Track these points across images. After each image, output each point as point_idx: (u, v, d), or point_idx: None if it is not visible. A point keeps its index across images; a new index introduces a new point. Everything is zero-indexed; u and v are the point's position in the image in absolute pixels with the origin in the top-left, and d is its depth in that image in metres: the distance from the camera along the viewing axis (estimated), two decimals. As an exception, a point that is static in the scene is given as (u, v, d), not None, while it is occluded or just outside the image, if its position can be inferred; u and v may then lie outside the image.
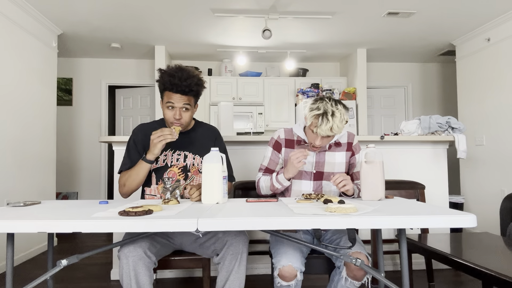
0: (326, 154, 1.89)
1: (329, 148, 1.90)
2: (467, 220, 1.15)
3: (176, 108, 1.80)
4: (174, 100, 1.80)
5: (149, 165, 1.78)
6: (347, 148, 1.92)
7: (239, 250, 1.61)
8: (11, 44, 3.38)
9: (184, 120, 1.83)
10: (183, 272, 2.96)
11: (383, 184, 1.63)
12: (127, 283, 1.49)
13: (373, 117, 6.06)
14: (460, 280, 2.81)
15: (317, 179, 1.90)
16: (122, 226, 1.13)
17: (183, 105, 1.81)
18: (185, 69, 1.81)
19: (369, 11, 3.96)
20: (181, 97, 1.80)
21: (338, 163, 1.90)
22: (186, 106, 1.82)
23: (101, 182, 5.63)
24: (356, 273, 1.57)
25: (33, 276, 2.98)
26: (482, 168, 4.37)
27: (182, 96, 1.80)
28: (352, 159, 1.94)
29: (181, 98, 1.80)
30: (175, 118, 1.81)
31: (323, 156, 1.89)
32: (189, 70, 1.83)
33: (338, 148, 1.91)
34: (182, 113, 1.82)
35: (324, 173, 1.90)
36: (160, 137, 1.69)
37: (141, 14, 3.98)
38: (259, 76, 5.66)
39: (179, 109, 1.81)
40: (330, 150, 1.90)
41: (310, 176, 1.91)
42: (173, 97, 1.79)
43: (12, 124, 3.36)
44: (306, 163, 1.86)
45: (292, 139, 1.93)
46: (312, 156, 1.88)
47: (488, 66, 4.32)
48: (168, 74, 1.78)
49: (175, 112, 1.81)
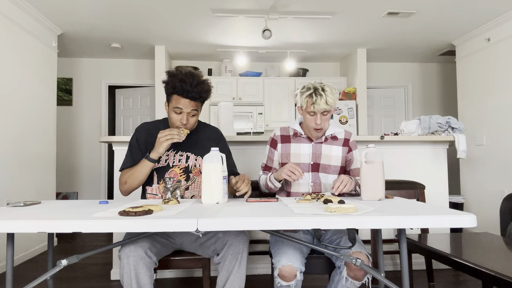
0: (323, 146, 1.94)
1: (325, 140, 1.95)
2: (467, 220, 1.15)
3: (184, 113, 1.80)
4: (183, 105, 1.79)
5: (152, 164, 1.77)
6: (344, 143, 1.96)
7: (240, 250, 1.61)
8: (11, 44, 3.38)
9: (190, 125, 1.84)
10: (183, 272, 2.96)
11: (383, 184, 1.63)
12: (127, 283, 1.49)
13: (373, 117, 6.06)
14: (460, 280, 2.81)
15: (314, 171, 1.93)
16: (122, 226, 1.13)
17: (191, 110, 1.81)
18: (195, 75, 1.81)
19: (369, 11, 3.96)
20: (190, 103, 1.79)
21: (334, 156, 1.94)
22: (193, 111, 1.82)
23: (101, 182, 5.63)
24: (356, 273, 1.57)
25: (33, 276, 2.98)
26: (482, 168, 4.37)
27: (191, 102, 1.80)
28: (349, 155, 1.97)
29: (190, 104, 1.80)
30: (182, 123, 1.81)
31: (320, 148, 1.93)
32: (199, 76, 1.83)
33: (334, 142, 1.95)
34: (189, 118, 1.82)
35: (321, 164, 1.93)
36: (167, 136, 1.70)
37: (141, 14, 3.98)
38: (259, 76, 5.66)
39: (187, 114, 1.80)
40: (326, 142, 1.95)
41: (308, 167, 1.94)
42: (181, 102, 1.79)
43: (12, 124, 3.36)
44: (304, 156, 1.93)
45: (288, 134, 1.98)
46: (309, 148, 1.93)
47: (488, 66, 4.31)
48: (179, 79, 1.77)
49: (183, 117, 1.80)
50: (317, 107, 1.78)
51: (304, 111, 1.87)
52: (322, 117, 1.82)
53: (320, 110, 1.78)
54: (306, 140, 1.95)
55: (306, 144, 1.94)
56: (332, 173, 1.95)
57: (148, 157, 1.76)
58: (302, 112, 1.90)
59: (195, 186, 1.88)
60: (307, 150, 1.93)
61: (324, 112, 1.81)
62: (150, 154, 1.76)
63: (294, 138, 1.96)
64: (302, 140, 1.95)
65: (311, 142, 1.94)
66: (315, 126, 1.84)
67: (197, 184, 1.88)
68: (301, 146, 1.94)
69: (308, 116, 1.85)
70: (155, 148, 1.74)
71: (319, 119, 1.81)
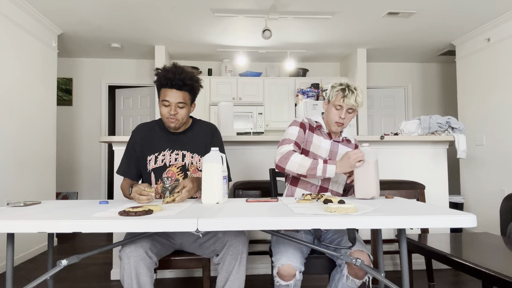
0: (340, 146, 1.99)
1: (342, 141, 2.01)
2: (467, 220, 1.15)
3: (172, 104, 1.82)
4: (169, 97, 1.82)
5: None
6: (355, 147, 2.05)
7: (239, 250, 1.61)
8: (11, 44, 3.38)
9: (180, 116, 1.84)
10: (183, 272, 2.96)
11: (376, 182, 1.67)
12: (128, 283, 1.49)
13: (373, 117, 6.06)
14: (460, 280, 2.81)
15: None
16: (122, 226, 1.13)
17: (178, 102, 1.83)
18: (179, 66, 1.85)
19: (369, 11, 3.96)
20: (176, 93, 1.82)
21: None
22: (181, 104, 1.83)
23: (101, 182, 5.63)
24: (357, 271, 1.58)
25: (33, 276, 2.98)
26: (482, 168, 4.37)
27: (178, 92, 1.82)
28: None
29: (176, 94, 1.82)
30: (170, 114, 1.82)
31: (337, 147, 1.98)
32: (183, 67, 1.86)
33: (348, 144, 2.03)
34: (178, 109, 1.83)
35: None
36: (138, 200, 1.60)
37: (141, 14, 3.98)
38: (259, 76, 5.66)
39: (175, 105, 1.82)
40: (343, 143, 2.01)
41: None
42: (168, 94, 1.82)
43: (12, 124, 3.36)
44: (323, 150, 1.94)
45: (312, 125, 1.99)
46: (328, 144, 1.97)
47: (488, 66, 4.31)
48: (163, 70, 1.83)
49: (170, 108, 1.82)
50: (346, 101, 1.84)
51: (330, 104, 1.92)
52: (346, 113, 1.88)
53: (348, 105, 1.85)
54: (327, 136, 1.98)
55: (326, 139, 1.97)
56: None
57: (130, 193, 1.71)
58: (328, 105, 1.94)
59: None
60: (326, 145, 1.96)
61: (349, 109, 1.87)
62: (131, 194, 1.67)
63: (316, 130, 1.99)
64: (323, 135, 1.98)
65: (331, 139, 1.98)
66: (338, 120, 1.89)
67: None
68: (322, 139, 1.96)
69: (333, 109, 1.90)
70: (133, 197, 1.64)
71: (344, 113, 1.87)
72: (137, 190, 1.59)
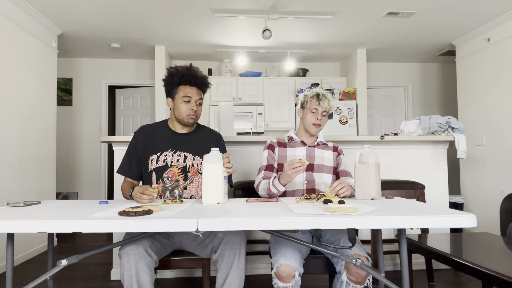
0: (316, 150, 2.11)
1: (317, 145, 2.14)
2: (467, 220, 1.15)
3: (193, 101, 1.89)
4: (192, 93, 1.89)
5: None
6: (333, 149, 2.16)
7: (237, 245, 1.61)
8: (11, 44, 3.38)
9: (198, 113, 1.94)
10: (183, 272, 2.96)
11: (377, 184, 1.66)
12: (128, 281, 1.48)
13: (373, 117, 6.06)
14: (460, 280, 2.81)
15: (308, 170, 2.04)
16: (122, 226, 1.13)
17: (198, 99, 1.92)
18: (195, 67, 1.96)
19: (369, 11, 3.96)
20: (197, 91, 1.92)
21: (327, 158, 2.11)
22: (200, 100, 1.93)
23: (101, 182, 5.63)
24: (357, 276, 1.56)
25: (33, 276, 2.98)
26: (482, 168, 4.37)
27: (198, 90, 1.92)
28: (339, 159, 2.15)
29: (197, 92, 1.92)
30: (192, 110, 1.89)
31: (313, 151, 2.11)
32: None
33: (325, 147, 2.15)
34: (197, 106, 1.92)
35: (315, 165, 2.05)
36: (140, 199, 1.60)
37: (141, 14, 3.98)
38: (259, 76, 5.66)
39: (196, 101, 1.91)
40: (318, 147, 2.13)
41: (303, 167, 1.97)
42: (189, 91, 1.90)
43: (12, 124, 3.36)
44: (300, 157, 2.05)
45: (284, 141, 2.14)
46: (303, 150, 2.10)
47: (488, 66, 4.31)
48: (183, 68, 1.90)
49: (192, 105, 1.89)
50: (322, 104, 2.04)
51: (306, 109, 2.09)
52: (321, 115, 2.06)
53: (323, 107, 2.04)
54: (301, 144, 2.12)
55: (300, 147, 2.11)
56: (326, 172, 2.04)
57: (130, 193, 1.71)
58: (304, 111, 2.11)
59: (193, 185, 1.90)
60: (301, 152, 2.09)
61: (324, 111, 2.06)
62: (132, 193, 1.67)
63: (289, 143, 2.13)
64: (297, 145, 2.12)
65: (305, 145, 2.11)
66: (315, 121, 2.05)
67: (195, 184, 1.90)
68: (296, 149, 2.10)
69: (310, 113, 2.07)
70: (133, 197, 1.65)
71: (320, 115, 2.05)
72: (139, 189, 1.59)
